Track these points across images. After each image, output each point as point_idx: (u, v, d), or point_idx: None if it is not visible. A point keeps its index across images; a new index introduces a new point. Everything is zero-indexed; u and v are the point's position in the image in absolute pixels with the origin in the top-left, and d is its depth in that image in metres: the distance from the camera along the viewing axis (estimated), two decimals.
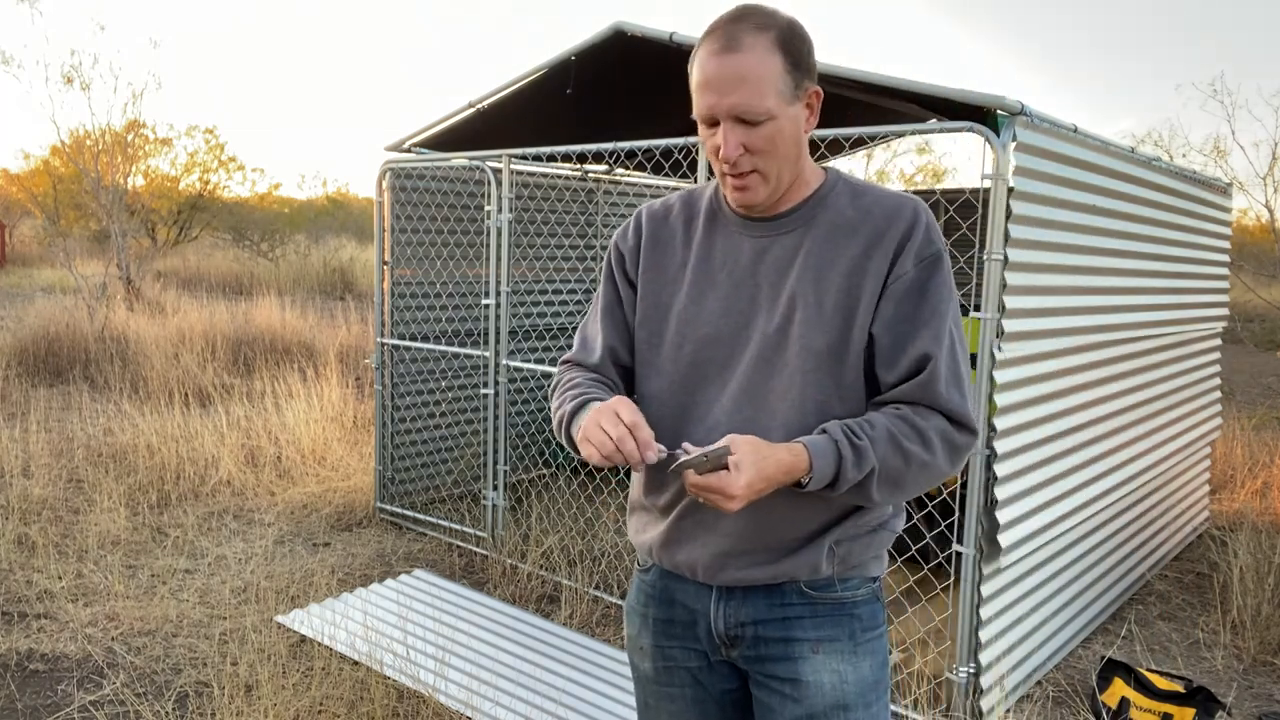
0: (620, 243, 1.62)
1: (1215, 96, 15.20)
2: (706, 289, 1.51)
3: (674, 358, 1.53)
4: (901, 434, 1.39)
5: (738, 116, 1.37)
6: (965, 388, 1.45)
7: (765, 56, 1.36)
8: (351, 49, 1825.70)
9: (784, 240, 1.48)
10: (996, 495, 3.06)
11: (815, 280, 1.44)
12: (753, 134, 1.38)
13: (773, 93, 1.37)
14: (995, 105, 2.99)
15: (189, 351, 9.13)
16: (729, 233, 1.52)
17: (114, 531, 4.77)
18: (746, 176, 1.42)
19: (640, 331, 1.57)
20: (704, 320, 1.50)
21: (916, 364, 1.41)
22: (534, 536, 4.75)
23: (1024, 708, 3.38)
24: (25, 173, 21.85)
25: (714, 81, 1.37)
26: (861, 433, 1.38)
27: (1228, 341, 14.95)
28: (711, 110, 1.39)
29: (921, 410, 1.42)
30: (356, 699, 3.17)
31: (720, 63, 1.37)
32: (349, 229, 28.43)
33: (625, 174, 6.49)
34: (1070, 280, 3.42)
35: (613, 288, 1.62)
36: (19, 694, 3.22)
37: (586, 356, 1.63)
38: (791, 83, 1.39)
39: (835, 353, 1.43)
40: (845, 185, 1.50)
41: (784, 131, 1.40)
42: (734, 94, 1.36)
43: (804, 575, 1.47)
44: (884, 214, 1.44)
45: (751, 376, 1.46)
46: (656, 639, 1.60)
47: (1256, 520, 5.56)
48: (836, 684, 1.48)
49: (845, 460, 1.35)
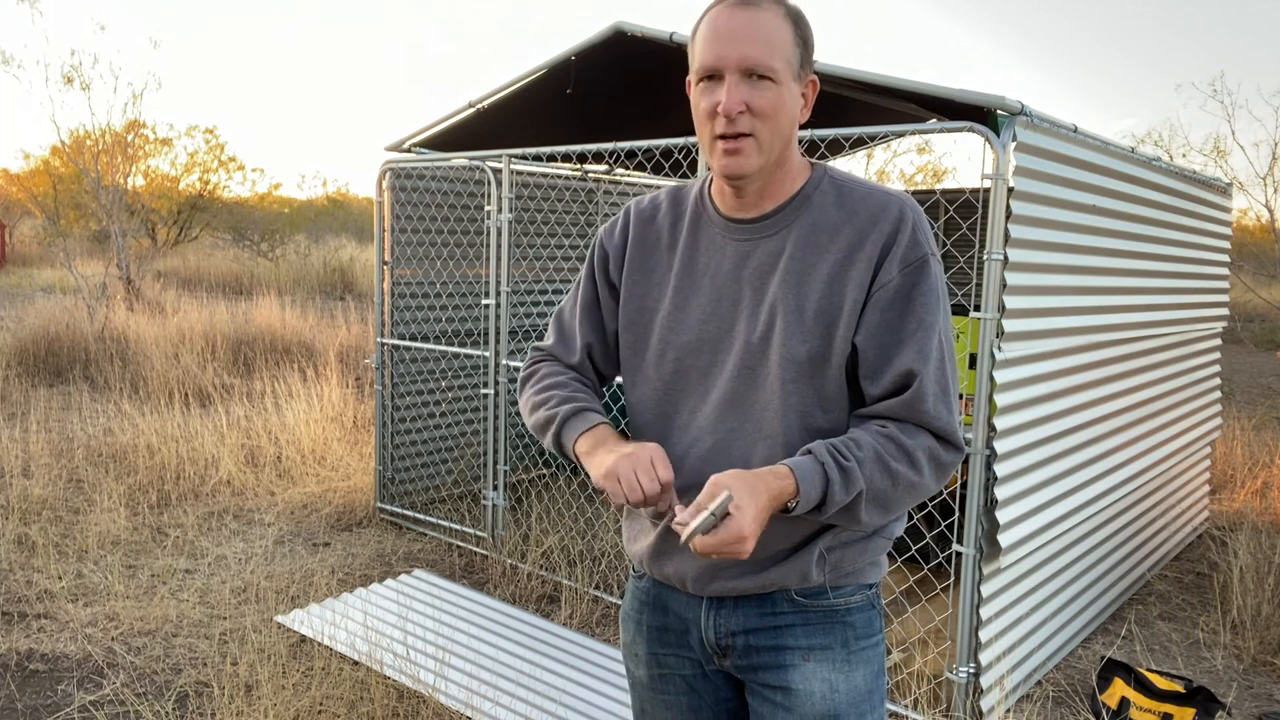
0: (606, 241, 1.59)
1: (1215, 96, 15.22)
2: (690, 295, 1.48)
3: (657, 365, 1.50)
4: (889, 454, 1.35)
5: (748, 69, 1.33)
6: (953, 402, 1.40)
7: (780, 22, 1.35)
8: (352, 49, 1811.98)
9: (767, 244, 1.44)
10: (996, 495, 3.06)
11: (797, 286, 1.40)
12: (757, 93, 1.34)
13: (782, 58, 1.35)
14: (995, 105, 2.99)
15: (189, 351, 9.13)
16: (712, 236, 1.48)
17: (114, 531, 4.77)
18: (742, 140, 1.36)
19: (625, 337, 1.55)
20: (686, 327, 1.47)
21: (902, 380, 1.37)
22: (534, 536, 4.75)
23: (1024, 708, 3.38)
24: (25, 173, 21.85)
25: (727, 31, 1.34)
26: (849, 453, 1.33)
27: (1228, 341, 14.95)
28: (720, 60, 1.34)
29: (908, 428, 1.38)
30: (356, 699, 3.17)
31: (735, 14, 1.34)
32: (349, 229, 28.43)
33: (625, 174, 6.49)
34: (1070, 280, 3.42)
35: (593, 287, 1.60)
36: (19, 694, 3.21)
37: (565, 354, 1.61)
38: (798, 58, 1.37)
39: (817, 362, 1.39)
40: (831, 183, 1.45)
41: (785, 103, 1.36)
42: (747, 45, 1.33)
43: (794, 583, 1.45)
44: (868, 215, 1.39)
45: (735, 386, 1.43)
46: (651, 646, 1.58)
47: (1256, 520, 5.56)
48: (827, 693, 1.45)
49: (833, 483, 1.31)
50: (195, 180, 19.22)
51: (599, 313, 1.59)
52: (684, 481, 1.47)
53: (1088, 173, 3.46)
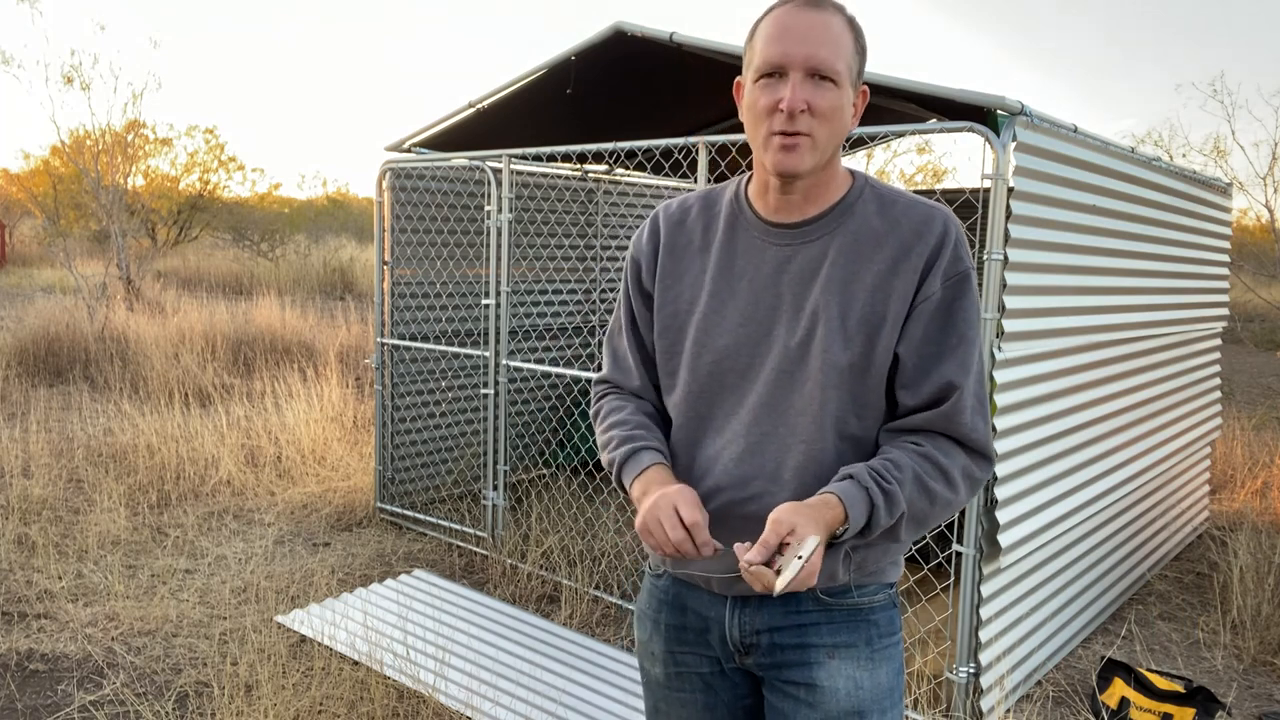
0: (636, 251, 1.58)
1: (1215, 96, 15.20)
2: (726, 298, 1.47)
3: (692, 368, 1.50)
4: (927, 474, 1.37)
5: (813, 69, 1.33)
6: (987, 415, 1.43)
7: (844, 28, 1.36)
8: (352, 49, 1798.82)
9: (808, 250, 1.43)
10: (996, 495, 3.06)
11: (840, 294, 1.40)
12: (819, 93, 1.34)
13: (845, 62, 1.35)
14: (995, 105, 2.99)
15: (189, 351, 9.13)
16: (751, 239, 1.48)
17: (114, 531, 4.77)
18: (799, 138, 1.35)
19: (660, 341, 1.54)
20: (723, 330, 1.47)
21: (941, 392, 1.39)
22: (534, 536, 4.75)
23: (1024, 708, 3.38)
24: (25, 173, 21.86)
25: (794, 30, 1.34)
26: (890, 477, 1.34)
27: (1228, 341, 14.95)
28: (785, 58, 1.33)
29: (943, 444, 1.40)
30: (356, 699, 3.17)
31: (803, 14, 1.35)
32: (349, 229, 28.44)
33: (625, 174, 6.49)
34: (1070, 280, 3.42)
35: (629, 302, 1.60)
36: (19, 694, 3.21)
37: (624, 379, 1.61)
38: (856, 66, 1.38)
39: (858, 369, 1.40)
40: (872, 192, 1.45)
41: (842, 106, 1.37)
42: (815, 45, 1.33)
43: (820, 583, 1.45)
44: (912, 227, 1.40)
45: (772, 390, 1.43)
46: (668, 645, 1.58)
47: (1256, 520, 5.56)
48: (852, 690, 1.47)
49: (878, 508, 1.32)
50: (195, 180, 19.24)
51: (639, 329, 1.60)
52: (716, 483, 1.47)
53: (1088, 173, 3.46)
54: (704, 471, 1.49)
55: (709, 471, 1.48)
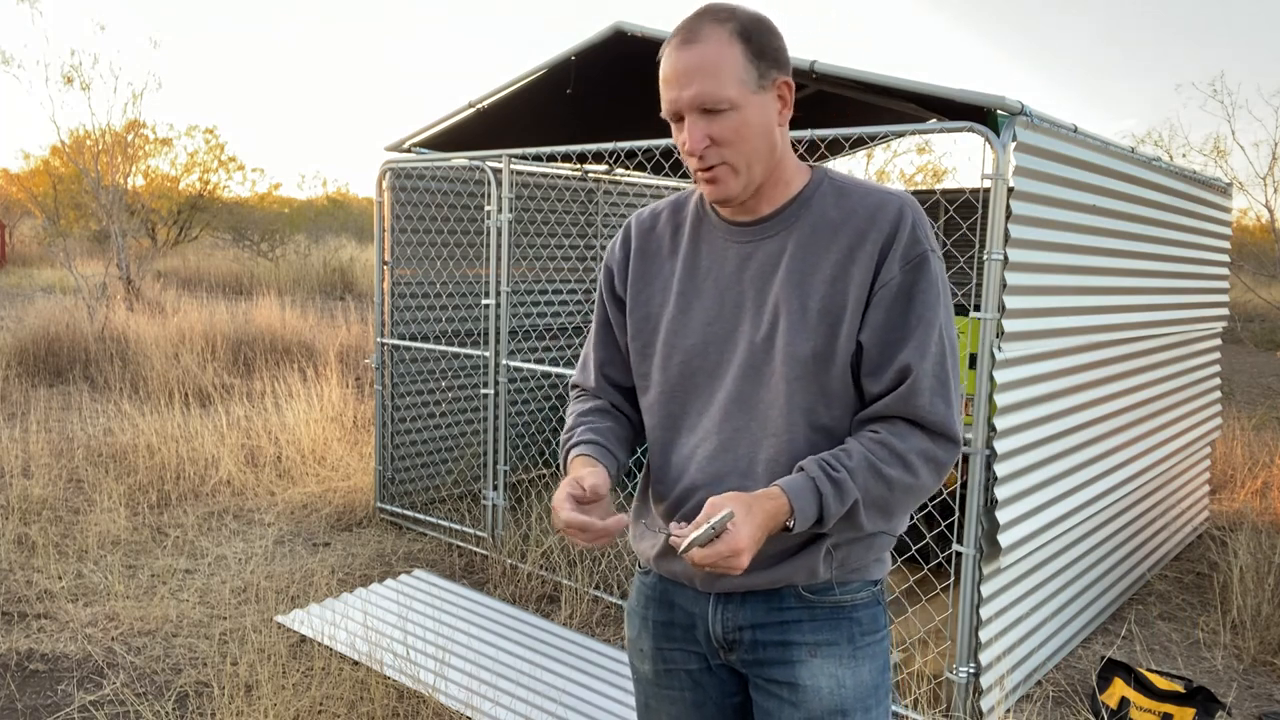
0: (609, 258, 1.63)
1: (1215, 96, 15.23)
2: (693, 299, 1.51)
3: (663, 368, 1.53)
4: (880, 460, 1.37)
5: (700, 107, 1.36)
6: (952, 395, 1.41)
7: (724, 47, 1.36)
8: (352, 49, 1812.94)
9: (767, 245, 1.46)
10: (996, 495, 3.06)
11: (799, 286, 1.42)
12: (716, 124, 1.37)
13: (733, 81, 1.35)
14: (995, 105, 2.99)
15: (189, 351, 9.13)
16: (714, 239, 1.51)
17: (114, 531, 4.77)
18: (715, 169, 1.40)
19: (634, 344, 1.58)
20: (691, 330, 1.50)
21: (898, 376, 1.39)
22: (534, 536, 4.75)
23: (1024, 708, 3.38)
24: (25, 173, 21.86)
25: (675, 75, 1.37)
26: (839, 465, 1.36)
27: (1228, 341, 14.95)
28: (675, 105, 1.38)
29: (900, 428, 1.40)
30: (356, 699, 3.17)
31: (680, 56, 1.37)
32: (349, 229, 28.43)
33: (625, 174, 6.49)
34: (1070, 280, 3.42)
35: (602, 307, 1.65)
36: (19, 694, 3.22)
37: (585, 379, 1.67)
38: (755, 72, 1.38)
39: (821, 360, 1.41)
40: (830, 184, 1.47)
41: (750, 122, 1.38)
42: (693, 84, 1.35)
43: (801, 580, 1.46)
44: (867, 213, 1.41)
45: (740, 386, 1.46)
46: (656, 641, 1.60)
47: (1256, 520, 5.56)
48: (834, 688, 1.47)
49: (826, 496, 1.34)
50: (195, 180, 19.24)
51: (610, 331, 1.64)
52: (691, 480, 1.49)
53: (1088, 173, 3.46)
54: (680, 470, 1.51)
55: (684, 470, 1.50)
